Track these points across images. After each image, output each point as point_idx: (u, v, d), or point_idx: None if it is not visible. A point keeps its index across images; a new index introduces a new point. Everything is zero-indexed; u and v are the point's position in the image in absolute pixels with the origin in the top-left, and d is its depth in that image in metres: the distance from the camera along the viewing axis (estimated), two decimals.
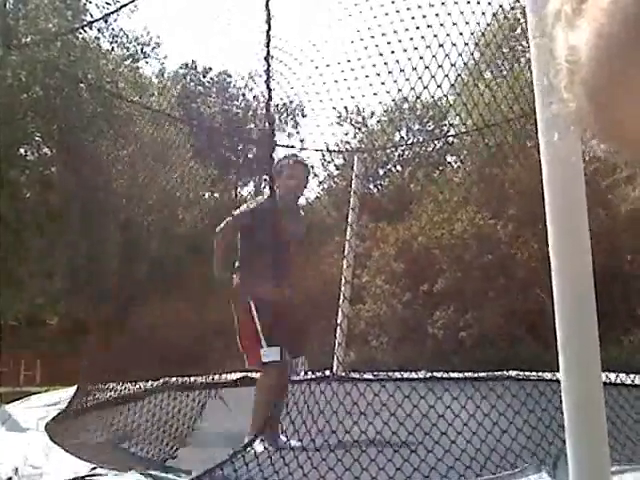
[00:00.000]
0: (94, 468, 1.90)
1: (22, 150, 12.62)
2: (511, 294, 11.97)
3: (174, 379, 3.16)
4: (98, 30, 12.98)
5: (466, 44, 2.77)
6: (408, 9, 2.43)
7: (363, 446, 2.04)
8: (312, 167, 4.02)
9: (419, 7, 2.56)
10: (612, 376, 3.54)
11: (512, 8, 3.65)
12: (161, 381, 3.33)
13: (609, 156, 0.49)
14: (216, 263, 3.88)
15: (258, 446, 2.78)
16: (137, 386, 3.51)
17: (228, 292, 3.73)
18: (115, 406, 3.18)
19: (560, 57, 0.45)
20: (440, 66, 2.56)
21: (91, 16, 12.13)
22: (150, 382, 3.53)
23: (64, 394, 3.90)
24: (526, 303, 11.55)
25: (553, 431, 1.95)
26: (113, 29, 14.19)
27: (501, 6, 2.94)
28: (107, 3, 12.63)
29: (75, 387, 3.81)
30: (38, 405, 3.55)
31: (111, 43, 14.29)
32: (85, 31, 11.02)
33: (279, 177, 3.73)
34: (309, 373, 4.24)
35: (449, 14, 2.63)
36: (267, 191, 3.89)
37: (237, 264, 3.82)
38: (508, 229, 12.59)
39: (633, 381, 3.45)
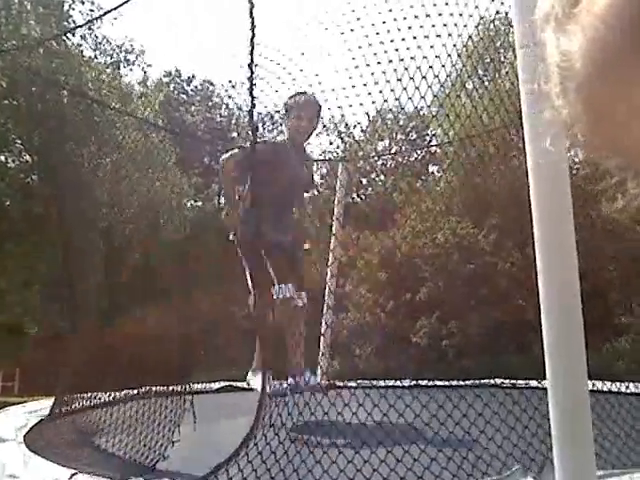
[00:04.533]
0: (75, 474, 1.87)
1: (2, 157, 12.48)
2: (493, 303, 12.05)
3: (153, 388, 3.12)
4: (81, 37, 12.94)
5: (449, 55, 2.79)
6: (395, 20, 2.45)
7: (349, 457, 2.03)
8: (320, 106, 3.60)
9: (404, 19, 2.59)
10: (598, 383, 3.57)
11: (494, 19, 3.69)
12: (140, 389, 3.29)
13: (599, 162, 0.49)
14: (228, 199, 3.67)
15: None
16: (116, 394, 3.46)
17: (234, 238, 3.57)
18: (94, 412, 3.14)
19: (551, 62, 0.44)
20: (424, 77, 2.58)
21: (74, 23, 12.09)
22: (129, 391, 3.48)
23: (44, 404, 3.84)
24: (508, 312, 11.64)
25: (539, 438, 1.96)
26: (96, 36, 14.14)
27: (482, 17, 2.97)
28: (90, 10, 12.61)
29: (53, 398, 3.75)
30: (17, 414, 3.49)
31: (94, 50, 14.23)
32: (68, 38, 10.97)
33: (287, 117, 3.57)
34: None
35: (433, 26, 2.66)
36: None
37: (240, 208, 3.51)
38: (490, 239, 12.70)
39: (617, 389, 3.49)
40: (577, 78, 0.41)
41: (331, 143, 17.74)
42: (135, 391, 3.28)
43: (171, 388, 2.80)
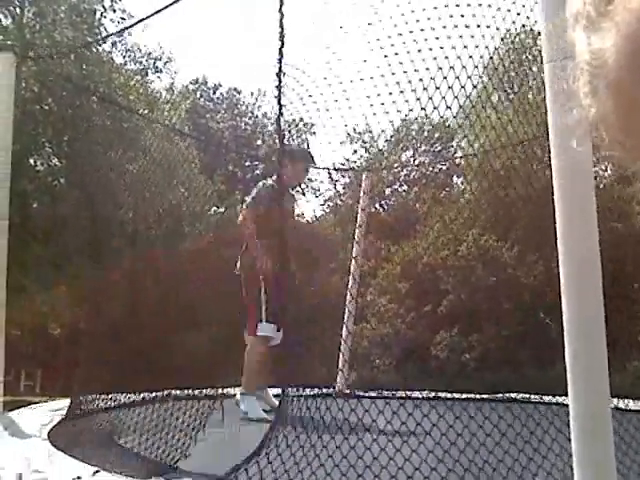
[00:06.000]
0: (97, 471, 1.90)
1: (32, 160, 12.69)
2: (516, 317, 11.90)
3: (177, 391, 3.16)
4: (112, 44, 13.15)
5: (475, 67, 2.79)
6: (422, 30, 2.46)
7: (367, 463, 2.03)
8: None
9: (432, 29, 2.60)
10: (615, 401, 3.51)
11: (520, 33, 3.68)
12: (164, 392, 3.32)
13: (624, 163, 0.48)
14: (252, 249, 4.02)
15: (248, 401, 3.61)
16: (140, 396, 3.50)
17: (241, 265, 4.05)
18: (117, 411, 3.18)
19: (581, 61, 0.43)
20: (450, 87, 2.59)
21: (106, 30, 12.30)
22: (153, 393, 3.51)
23: (68, 402, 3.89)
24: (531, 326, 11.48)
25: (557, 453, 1.94)
26: (126, 43, 14.38)
27: (509, 30, 2.97)
28: (122, 18, 12.83)
29: (70, 397, 3.79)
30: (41, 412, 3.55)
31: (124, 57, 14.46)
32: (99, 45, 11.17)
33: (295, 163, 3.98)
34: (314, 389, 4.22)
35: (460, 37, 2.66)
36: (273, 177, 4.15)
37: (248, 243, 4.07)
38: (513, 251, 12.56)
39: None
40: (609, 74, 0.41)
41: (355, 152, 17.76)
42: (160, 393, 3.32)
43: (194, 392, 2.83)
